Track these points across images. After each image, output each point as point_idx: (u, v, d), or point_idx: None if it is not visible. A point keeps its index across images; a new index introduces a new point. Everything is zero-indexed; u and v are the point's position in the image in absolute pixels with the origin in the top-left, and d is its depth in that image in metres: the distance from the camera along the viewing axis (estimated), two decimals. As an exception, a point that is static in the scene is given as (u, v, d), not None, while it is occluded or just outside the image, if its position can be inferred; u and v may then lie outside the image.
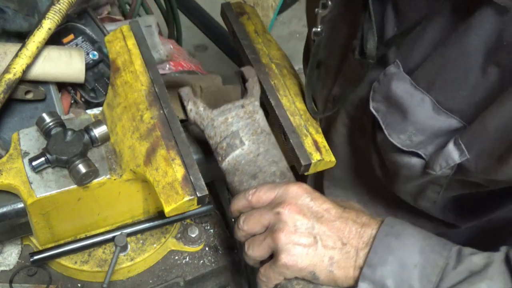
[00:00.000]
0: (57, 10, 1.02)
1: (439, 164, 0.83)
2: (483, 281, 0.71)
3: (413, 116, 0.84)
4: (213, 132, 0.94)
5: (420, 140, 0.85)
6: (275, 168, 0.92)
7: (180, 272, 1.10)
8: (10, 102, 1.11)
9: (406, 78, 0.84)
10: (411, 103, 0.84)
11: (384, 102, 0.88)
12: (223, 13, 1.16)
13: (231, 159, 0.92)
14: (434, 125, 0.83)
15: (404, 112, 0.85)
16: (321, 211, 0.81)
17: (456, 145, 0.80)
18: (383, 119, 0.89)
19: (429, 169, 0.85)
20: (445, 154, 0.82)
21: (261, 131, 0.95)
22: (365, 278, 0.76)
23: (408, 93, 0.84)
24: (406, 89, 0.84)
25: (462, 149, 0.79)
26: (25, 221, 0.97)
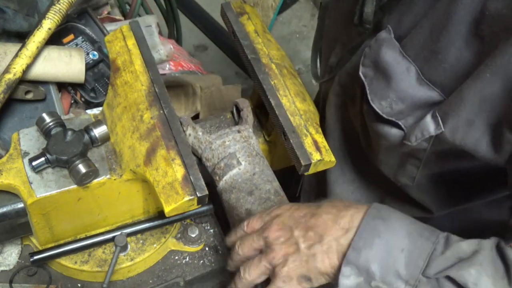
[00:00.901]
0: (57, 10, 1.02)
1: (415, 135, 0.83)
2: (471, 267, 0.70)
3: (396, 83, 0.84)
4: (211, 154, 0.98)
5: (400, 109, 0.85)
6: (270, 186, 0.96)
7: (180, 272, 1.10)
8: (10, 102, 1.11)
9: (396, 45, 0.85)
10: (396, 70, 0.84)
11: (372, 67, 0.88)
12: (223, 13, 1.16)
13: (228, 178, 0.96)
14: (415, 95, 0.83)
15: (388, 79, 0.85)
16: (298, 218, 0.82)
17: (433, 117, 0.80)
18: (369, 84, 0.89)
19: (406, 140, 0.85)
20: (421, 126, 0.82)
21: (256, 154, 0.99)
22: (349, 262, 0.74)
23: (395, 60, 0.84)
24: (394, 56, 0.84)
25: (438, 122, 0.79)
26: (25, 221, 0.97)
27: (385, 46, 0.85)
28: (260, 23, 1.16)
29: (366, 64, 0.89)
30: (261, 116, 1.15)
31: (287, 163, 1.18)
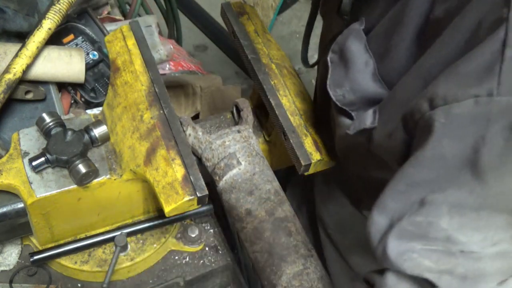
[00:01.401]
0: (57, 10, 1.02)
1: (354, 125, 0.84)
2: None
3: (353, 74, 0.85)
4: (211, 154, 0.98)
5: (351, 100, 0.85)
6: (270, 186, 0.96)
7: (180, 272, 1.10)
8: (10, 102, 1.11)
9: (362, 37, 0.85)
10: (356, 62, 0.84)
11: (338, 54, 0.89)
12: (223, 13, 1.16)
13: (228, 178, 0.96)
14: (366, 89, 0.83)
15: (347, 68, 0.85)
16: None
17: (373, 112, 0.81)
18: (332, 70, 0.89)
19: (347, 129, 0.86)
20: (361, 117, 0.82)
21: (256, 154, 0.99)
22: None
23: (359, 52, 0.84)
24: (359, 48, 0.85)
25: (375, 117, 0.80)
26: (25, 221, 0.97)
27: (353, 36, 0.86)
28: (260, 23, 1.16)
29: (334, 50, 0.89)
30: (261, 116, 1.15)
31: (287, 163, 1.18)
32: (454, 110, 0.60)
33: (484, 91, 0.58)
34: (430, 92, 0.64)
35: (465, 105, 0.59)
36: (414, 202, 0.65)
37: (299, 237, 0.91)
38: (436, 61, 0.68)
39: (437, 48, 0.68)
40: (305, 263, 0.87)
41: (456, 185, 0.62)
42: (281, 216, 0.92)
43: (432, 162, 0.63)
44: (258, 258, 0.90)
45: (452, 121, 0.61)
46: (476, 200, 0.61)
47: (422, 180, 0.65)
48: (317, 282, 0.86)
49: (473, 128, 0.59)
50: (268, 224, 0.91)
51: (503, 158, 0.58)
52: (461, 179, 0.61)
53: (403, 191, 0.66)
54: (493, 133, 0.58)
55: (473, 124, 0.59)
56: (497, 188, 0.60)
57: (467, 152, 0.60)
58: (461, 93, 0.60)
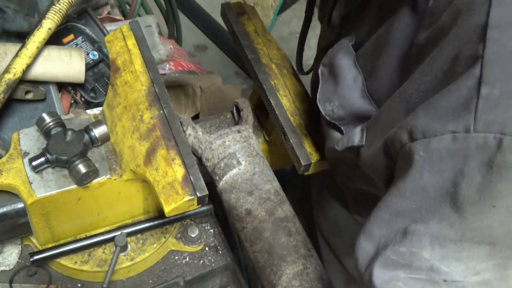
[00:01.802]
0: (57, 10, 1.02)
1: (342, 141, 0.84)
2: None
3: (342, 90, 0.85)
4: (211, 154, 0.98)
5: (340, 115, 0.86)
6: (270, 186, 0.96)
7: (180, 272, 1.10)
8: (10, 102, 1.11)
9: (352, 53, 0.86)
10: (345, 78, 0.85)
11: (328, 67, 0.90)
12: (223, 13, 1.16)
13: (228, 178, 0.96)
14: (355, 105, 0.84)
15: (336, 83, 0.86)
16: None
17: (361, 130, 0.81)
18: (322, 83, 0.90)
19: (336, 144, 0.87)
20: (350, 134, 0.83)
21: (256, 153, 0.99)
22: None
23: (348, 67, 0.85)
24: (348, 63, 0.85)
25: (363, 135, 0.80)
26: (25, 221, 0.97)
27: (342, 51, 0.87)
28: (260, 23, 1.16)
29: (325, 63, 0.90)
30: (261, 116, 1.15)
31: (287, 163, 1.18)
32: (433, 145, 0.61)
33: (461, 127, 0.59)
34: (410, 124, 0.65)
35: (443, 140, 0.60)
36: (398, 231, 0.66)
37: (299, 237, 0.91)
38: (416, 89, 0.69)
39: (417, 76, 0.69)
40: (305, 263, 0.87)
41: (437, 217, 0.62)
42: (281, 216, 0.92)
43: (413, 193, 0.64)
44: (258, 258, 0.90)
45: (431, 155, 0.62)
46: (456, 233, 0.62)
47: (404, 210, 0.65)
48: (317, 282, 0.86)
49: (452, 163, 0.60)
50: (268, 224, 0.91)
51: (481, 193, 0.59)
52: (441, 212, 0.62)
53: (387, 220, 0.67)
54: (471, 168, 0.59)
55: (452, 158, 0.60)
56: (476, 222, 0.61)
57: (446, 185, 0.61)
58: (439, 128, 0.61)
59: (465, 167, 0.59)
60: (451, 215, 0.61)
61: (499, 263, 0.63)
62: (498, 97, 0.57)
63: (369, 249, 0.68)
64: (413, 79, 0.70)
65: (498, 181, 0.58)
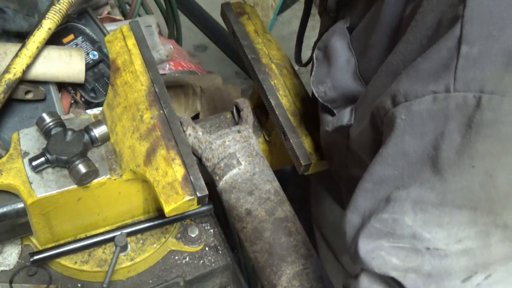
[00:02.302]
0: (57, 10, 1.02)
1: (332, 122, 0.84)
2: None
3: (334, 71, 0.85)
4: (211, 154, 0.98)
5: (332, 97, 0.86)
6: (270, 186, 0.96)
7: (180, 272, 1.10)
8: (10, 102, 1.11)
9: (346, 35, 0.86)
10: (339, 59, 0.85)
11: (323, 51, 0.89)
12: (223, 13, 1.16)
13: (228, 178, 0.96)
14: (347, 87, 0.84)
15: (329, 65, 0.86)
16: None
17: (351, 110, 0.81)
18: (316, 66, 0.90)
19: (326, 125, 0.87)
20: (339, 115, 0.83)
21: (256, 153, 0.99)
22: None
23: (342, 49, 0.85)
24: (342, 46, 0.85)
25: (352, 115, 0.80)
26: (25, 221, 0.97)
27: (337, 33, 0.87)
28: (260, 23, 1.16)
29: (319, 47, 0.90)
30: (261, 116, 1.15)
31: (287, 163, 1.18)
32: (414, 107, 0.61)
33: (441, 87, 0.58)
34: (393, 89, 0.64)
35: (424, 101, 0.60)
36: (381, 199, 0.65)
37: (299, 237, 0.91)
38: (402, 59, 0.68)
39: (402, 46, 0.68)
40: (305, 263, 0.87)
41: (418, 181, 0.62)
42: (281, 216, 0.92)
43: (395, 159, 0.64)
44: (258, 258, 0.90)
45: (413, 117, 0.61)
46: (437, 197, 0.61)
47: (387, 177, 0.65)
48: (317, 282, 0.86)
49: (433, 125, 0.60)
50: (268, 224, 0.91)
51: (460, 154, 0.58)
52: (422, 176, 0.61)
53: (371, 189, 0.67)
54: (450, 129, 0.58)
55: (432, 120, 0.60)
56: (456, 184, 0.60)
57: (427, 148, 0.60)
58: (420, 90, 0.60)
59: (445, 128, 0.59)
60: (432, 178, 0.60)
61: (481, 231, 0.62)
62: (477, 55, 0.57)
63: (355, 221, 0.68)
64: (398, 50, 0.69)
65: (476, 140, 0.57)
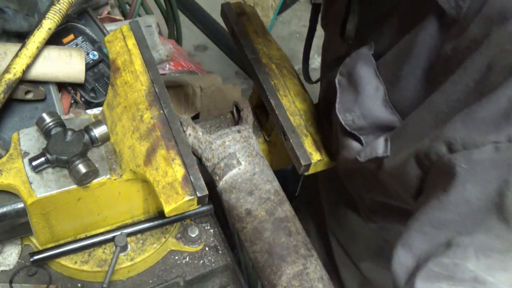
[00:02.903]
0: (57, 10, 1.02)
1: (365, 152, 0.84)
2: None
3: (363, 100, 0.85)
4: (211, 154, 0.98)
5: (361, 125, 0.86)
6: (270, 186, 0.96)
7: (180, 272, 1.10)
8: (10, 102, 1.11)
9: (372, 62, 0.85)
10: (366, 87, 0.85)
11: (347, 77, 0.89)
12: (223, 13, 1.16)
13: (228, 178, 0.96)
14: (377, 115, 0.84)
15: (357, 93, 0.86)
16: None
17: (385, 140, 0.81)
18: (340, 93, 0.89)
19: (357, 155, 0.86)
20: (373, 145, 0.83)
21: (256, 153, 0.99)
22: None
23: (368, 77, 0.85)
24: (368, 73, 0.85)
25: (387, 146, 0.80)
26: (25, 221, 0.97)
27: (362, 60, 0.86)
28: (260, 23, 1.16)
29: (343, 73, 0.90)
30: (261, 116, 1.15)
31: (287, 163, 1.18)
32: (474, 156, 0.61)
33: (503, 137, 0.59)
34: (447, 136, 0.65)
35: (485, 151, 0.60)
36: (441, 244, 0.66)
37: (299, 237, 0.91)
38: (446, 99, 0.69)
39: (448, 87, 0.69)
40: (305, 263, 0.88)
41: (483, 229, 0.62)
42: (281, 216, 0.92)
43: (457, 206, 0.64)
44: (258, 258, 0.90)
45: (474, 166, 0.62)
46: (503, 244, 0.62)
47: (447, 222, 0.66)
48: (317, 282, 0.86)
49: (496, 173, 0.60)
50: (268, 224, 0.91)
51: None
52: (487, 223, 0.62)
53: (428, 233, 0.68)
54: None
55: (495, 169, 0.60)
56: None
57: (492, 196, 0.61)
58: (480, 139, 0.61)
59: (510, 176, 0.59)
60: (497, 226, 0.61)
61: None
62: None
63: (408, 263, 0.69)
64: (443, 90, 0.69)
65: None
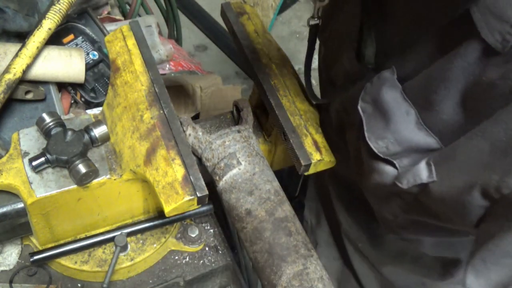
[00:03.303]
0: (57, 10, 1.02)
1: (407, 179, 0.83)
2: None
3: (395, 125, 0.84)
4: (211, 154, 0.98)
5: (396, 151, 0.85)
6: (270, 186, 0.96)
7: (180, 272, 1.10)
8: (10, 102, 1.11)
9: (398, 86, 0.84)
10: (396, 112, 0.83)
11: (371, 104, 0.88)
12: (223, 13, 1.16)
13: (228, 178, 0.96)
14: (413, 139, 0.83)
15: (387, 119, 0.85)
16: None
17: (427, 165, 0.80)
18: (367, 121, 0.88)
19: (397, 181, 0.85)
20: (414, 171, 0.81)
21: (256, 153, 0.99)
22: None
23: (396, 101, 0.83)
24: (395, 97, 0.84)
25: (431, 170, 0.79)
26: (25, 221, 0.97)
27: (386, 85, 0.84)
28: (260, 23, 1.16)
29: (366, 100, 0.88)
30: (261, 116, 1.15)
31: (287, 163, 1.18)
32: None
33: None
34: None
35: None
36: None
37: (299, 237, 0.91)
38: (504, 128, 0.68)
39: (505, 116, 0.68)
40: (305, 263, 0.88)
41: None
42: (281, 216, 0.92)
43: None
44: (258, 258, 0.90)
45: None
46: None
47: None
48: (317, 282, 0.86)
49: None
50: (268, 224, 0.91)
51: None
52: None
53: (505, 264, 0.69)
54: None
55: None
56: None
57: None
58: None
59: None
60: None
61: None
62: None
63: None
64: (499, 119, 0.69)
65: None
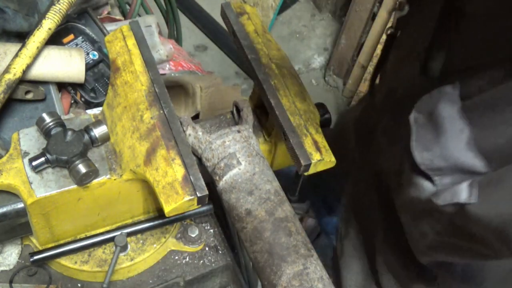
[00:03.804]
0: (57, 10, 1.02)
1: (444, 197, 0.81)
2: None
3: (445, 140, 0.82)
4: (211, 154, 0.98)
5: (440, 166, 0.83)
6: (270, 186, 0.96)
7: (180, 272, 1.10)
8: (10, 102, 1.11)
9: (457, 102, 0.82)
10: (449, 128, 0.81)
11: (426, 115, 0.86)
12: (223, 13, 1.16)
13: (228, 178, 0.96)
14: (460, 158, 0.81)
15: (438, 133, 0.83)
16: None
17: (470, 186, 0.78)
18: (416, 131, 0.87)
19: (434, 198, 0.83)
20: (454, 190, 0.79)
21: (256, 153, 0.99)
22: None
23: (452, 117, 0.82)
24: (452, 113, 0.82)
25: (472, 192, 0.77)
26: (25, 221, 0.97)
27: (445, 100, 0.83)
28: (260, 23, 1.16)
29: (420, 110, 0.87)
30: (261, 116, 1.15)
31: (287, 163, 1.18)
32: None
33: None
34: None
35: None
36: None
37: (299, 237, 0.91)
38: None
39: None
40: (305, 263, 0.88)
41: None
42: (281, 216, 0.92)
43: None
44: (258, 258, 0.91)
45: None
46: None
47: None
48: (317, 282, 0.86)
49: None
50: (268, 224, 0.91)
51: None
52: None
53: None
54: None
55: None
56: None
57: None
58: None
59: None
60: None
61: None
62: None
63: None
64: None
65: None
